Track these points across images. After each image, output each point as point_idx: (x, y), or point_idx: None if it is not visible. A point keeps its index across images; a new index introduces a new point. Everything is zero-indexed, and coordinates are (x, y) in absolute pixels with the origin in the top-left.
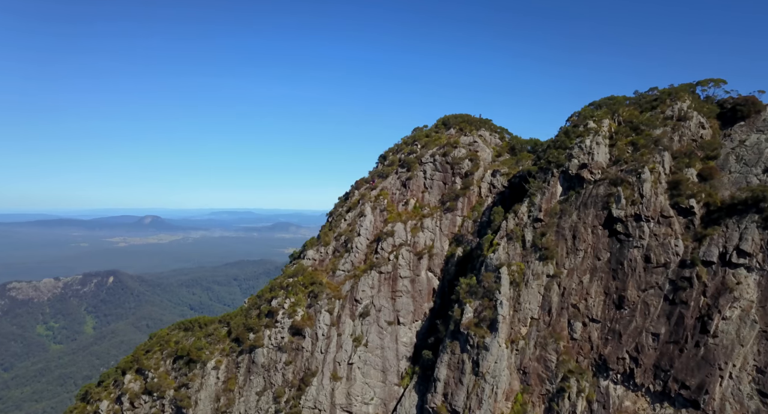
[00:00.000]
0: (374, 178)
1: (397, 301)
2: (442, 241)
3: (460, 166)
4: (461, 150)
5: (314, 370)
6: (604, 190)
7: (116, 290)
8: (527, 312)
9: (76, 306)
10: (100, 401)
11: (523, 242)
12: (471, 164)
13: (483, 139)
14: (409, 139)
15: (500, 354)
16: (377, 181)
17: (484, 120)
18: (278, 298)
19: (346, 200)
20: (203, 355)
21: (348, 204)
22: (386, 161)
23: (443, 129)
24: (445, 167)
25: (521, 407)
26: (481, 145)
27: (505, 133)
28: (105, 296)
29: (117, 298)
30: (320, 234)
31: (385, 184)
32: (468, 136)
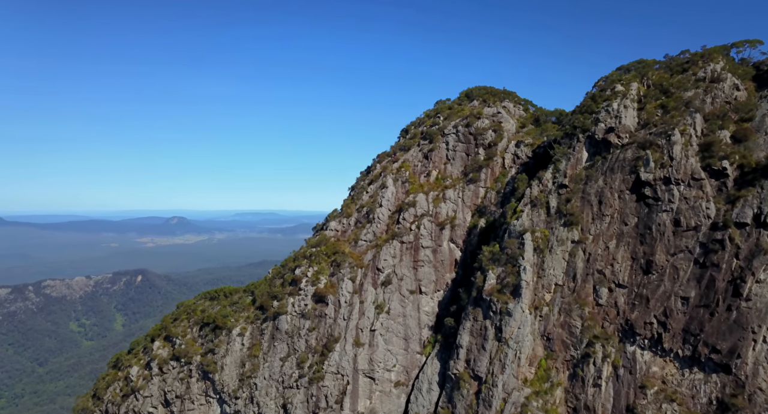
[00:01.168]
0: (396, 151)
1: (419, 270)
2: (465, 213)
3: (483, 137)
4: (484, 121)
5: (337, 337)
6: (632, 154)
7: (144, 289)
8: (551, 278)
9: (106, 304)
10: (131, 367)
11: (547, 209)
12: (494, 135)
13: (507, 110)
14: (431, 112)
15: (523, 320)
16: (399, 154)
17: (507, 92)
18: (301, 267)
19: (367, 174)
20: (228, 322)
21: (370, 177)
22: (408, 135)
23: (466, 101)
24: (468, 138)
25: (545, 373)
26: (505, 116)
27: (530, 105)
28: (134, 294)
29: (145, 297)
30: (342, 206)
31: (407, 156)
32: (491, 107)
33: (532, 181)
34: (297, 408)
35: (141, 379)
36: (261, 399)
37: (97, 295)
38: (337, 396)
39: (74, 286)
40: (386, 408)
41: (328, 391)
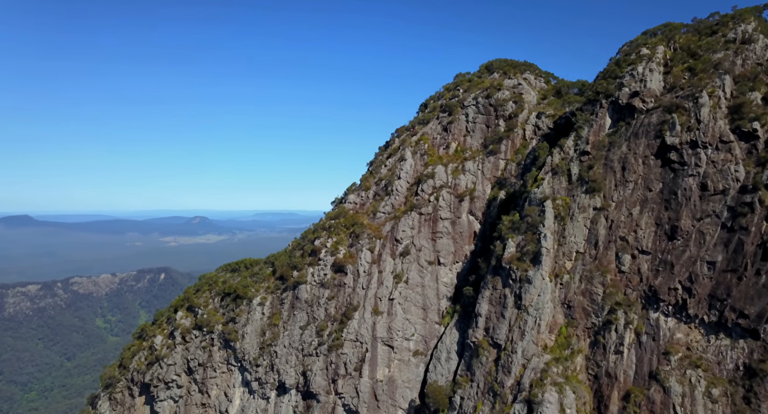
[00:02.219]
0: (414, 125)
1: (437, 242)
2: (484, 185)
3: (503, 108)
4: (505, 92)
5: (356, 305)
6: (657, 119)
7: (167, 286)
8: (572, 246)
9: (131, 301)
10: (155, 337)
11: (568, 176)
12: (515, 106)
13: (528, 82)
14: (450, 85)
15: (543, 287)
16: (417, 128)
17: (528, 64)
18: (321, 238)
19: (386, 148)
20: (249, 292)
21: (388, 151)
22: (427, 109)
23: (486, 74)
24: (488, 110)
25: (565, 340)
26: (526, 87)
27: (551, 77)
28: (157, 292)
29: (168, 294)
30: (361, 180)
31: (426, 129)
32: (512, 79)
33: (553, 150)
34: (316, 375)
35: (165, 347)
36: (281, 366)
37: (122, 292)
38: (356, 363)
39: (100, 283)
40: (405, 376)
41: (347, 358)
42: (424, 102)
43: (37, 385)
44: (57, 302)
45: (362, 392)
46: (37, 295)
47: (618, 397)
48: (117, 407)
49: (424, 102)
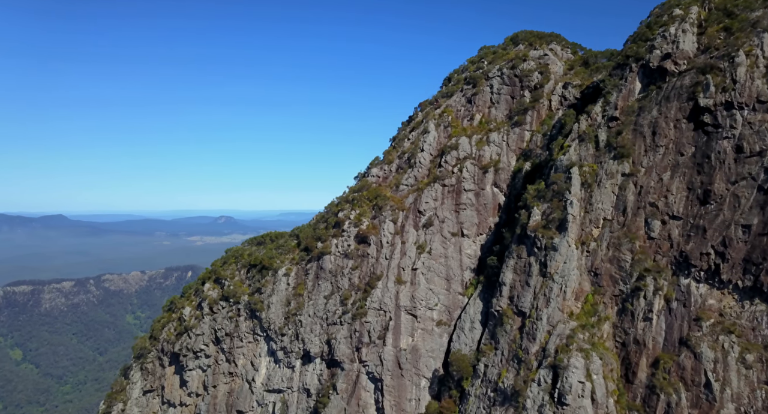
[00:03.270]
0: (437, 99)
1: (460, 213)
2: (509, 157)
3: (529, 79)
4: (530, 63)
5: (379, 275)
6: (690, 81)
7: None
8: (599, 212)
9: (159, 298)
10: (183, 308)
11: (596, 143)
12: (541, 77)
13: (554, 52)
14: (475, 58)
15: (569, 254)
16: (441, 101)
17: (555, 34)
18: (344, 210)
19: (408, 123)
20: (275, 263)
21: (411, 125)
22: (451, 82)
23: (511, 46)
24: (513, 81)
25: (592, 307)
26: (552, 58)
27: (578, 48)
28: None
29: None
30: (383, 154)
31: (450, 102)
32: (538, 50)
33: (580, 116)
34: (340, 343)
35: (193, 318)
36: (306, 335)
37: (150, 289)
38: (380, 332)
39: (130, 280)
40: (428, 346)
41: (371, 326)
42: (448, 76)
43: (71, 379)
44: (90, 299)
45: (386, 360)
46: (71, 292)
47: (646, 364)
48: (148, 377)
49: (448, 76)
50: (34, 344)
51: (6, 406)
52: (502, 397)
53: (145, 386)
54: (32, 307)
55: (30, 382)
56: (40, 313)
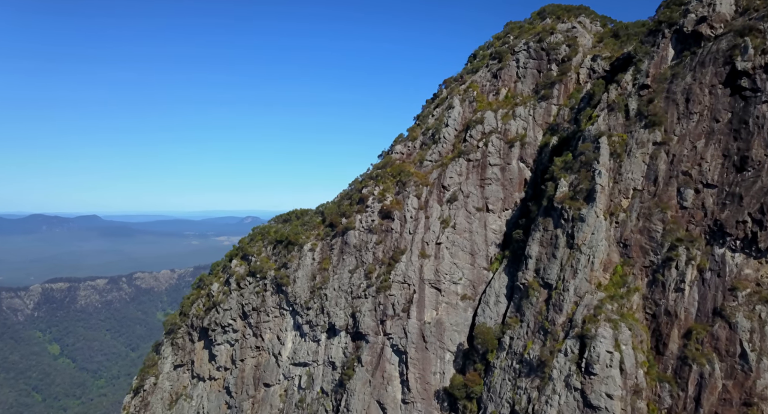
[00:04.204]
0: (463, 75)
1: (486, 188)
2: (536, 131)
3: (556, 52)
4: (558, 36)
5: (403, 249)
6: (727, 44)
7: None
8: (629, 183)
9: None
10: (212, 284)
11: (626, 112)
12: (569, 50)
13: (582, 25)
14: (501, 34)
15: (597, 225)
16: (466, 77)
17: (584, 7)
18: (368, 186)
19: (433, 101)
20: (300, 238)
21: (435, 102)
22: (476, 59)
23: (538, 20)
24: (539, 54)
25: (621, 278)
26: (580, 30)
27: (608, 20)
28: None
29: None
30: (408, 130)
31: (475, 77)
32: (566, 23)
33: (610, 86)
34: (365, 316)
35: (221, 294)
36: (331, 309)
37: (180, 287)
38: (404, 304)
39: (161, 278)
40: (453, 319)
41: (395, 299)
42: (473, 53)
43: (105, 373)
44: (122, 296)
45: (410, 333)
46: (105, 289)
47: (678, 335)
48: (178, 352)
49: (473, 53)
50: (71, 339)
51: (45, 399)
52: (528, 368)
53: (175, 361)
54: (69, 304)
55: (67, 375)
56: (75, 309)
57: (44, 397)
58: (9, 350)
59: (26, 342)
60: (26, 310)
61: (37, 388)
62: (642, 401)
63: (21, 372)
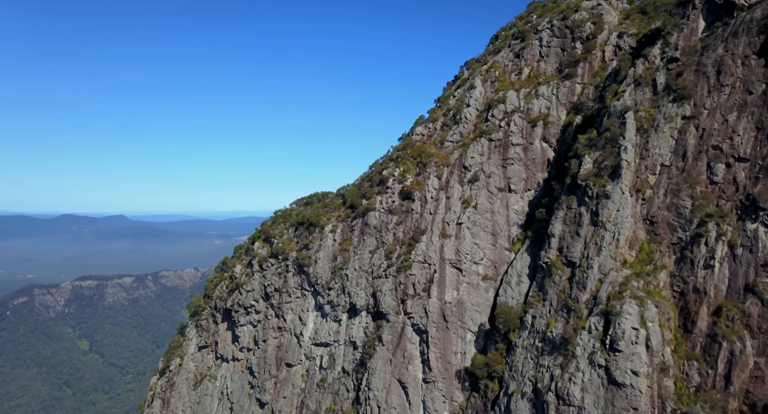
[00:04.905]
0: (485, 56)
1: (508, 168)
2: (559, 110)
3: (581, 30)
4: (582, 13)
5: (423, 229)
6: (762, 13)
7: None
8: (656, 158)
9: None
10: (235, 267)
11: (653, 86)
12: (594, 27)
13: (608, 2)
14: (523, 14)
15: (623, 201)
16: (488, 58)
17: None
18: (388, 168)
19: (454, 83)
20: (321, 220)
21: (456, 83)
22: (498, 40)
23: None
24: (563, 32)
25: (647, 256)
26: (606, 7)
27: None
28: None
29: None
30: (428, 112)
31: (497, 58)
32: (590, 0)
33: (636, 61)
34: (386, 295)
35: (244, 275)
36: (352, 289)
37: (203, 286)
38: (424, 284)
39: (185, 276)
40: (474, 300)
41: (416, 279)
42: (495, 34)
43: (132, 369)
44: (148, 294)
45: (431, 312)
46: (132, 287)
47: (707, 313)
48: (203, 333)
49: (495, 34)
50: (99, 336)
51: (75, 393)
52: (551, 346)
53: (200, 342)
54: (97, 301)
55: (96, 370)
56: (104, 306)
57: (74, 391)
58: (41, 345)
59: (57, 338)
60: (57, 306)
61: (67, 382)
62: (669, 379)
63: (53, 367)
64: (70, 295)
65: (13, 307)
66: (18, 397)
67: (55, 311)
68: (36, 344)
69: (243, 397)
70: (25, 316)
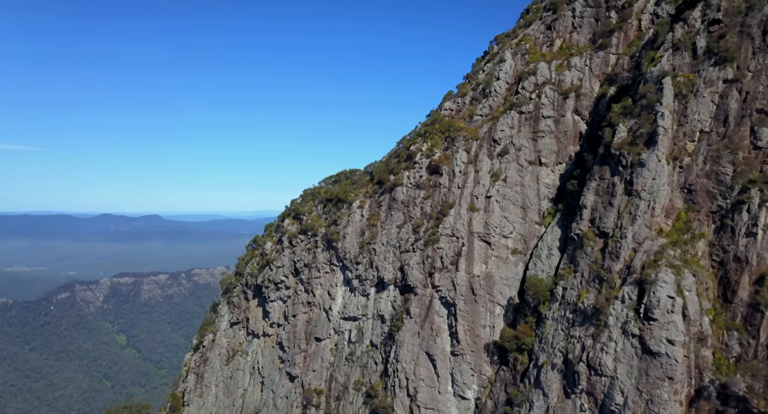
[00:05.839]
0: (515, 29)
1: (538, 141)
2: (592, 82)
3: None
4: None
5: (451, 203)
6: None
7: None
8: (695, 124)
9: None
10: (265, 244)
11: (693, 50)
12: None
13: None
14: None
15: (659, 169)
16: (518, 31)
17: None
18: (416, 143)
19: (483, 58)
20: (349, 196)
21: (486, 58)
22: (528, 13)
23: None
24: (597, 2)
25: (684, 224)
26: None
27: None
28: None
29: None
30: (457, 87)
31: (527, 31)
32: None
33: (675, 25)
34: (413, 268)
35: (274, 252)
36: (380, 263)
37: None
38: (452, 257)
39: (217, 274)
40: (503, 273)
41: (443, 252)
42: (526, 8)
43: (167, 364)
44: (181, 291)
45: (459, 285)
46: (166, 284)
47: (749, 282)
48: (234, 310)
49: (526, 8)
50: (136, 331)
51: (114, 386)
52: (582, 317)
53: (231, 319)
54: (134, 297)
55: (133, 365)
56: (140, 302)
57: (113, 384)
58: (82, 339)
59: (97, 332)
60: (97, 302)
61: (107, 375)
62: (707, 349)
63: (93, 360)
64: (109, 291)
65: (57, 302)
66: (62, 388)
67: (94, 307)
68: (77, 338)
69: (273, 371)
70: (67, 310)
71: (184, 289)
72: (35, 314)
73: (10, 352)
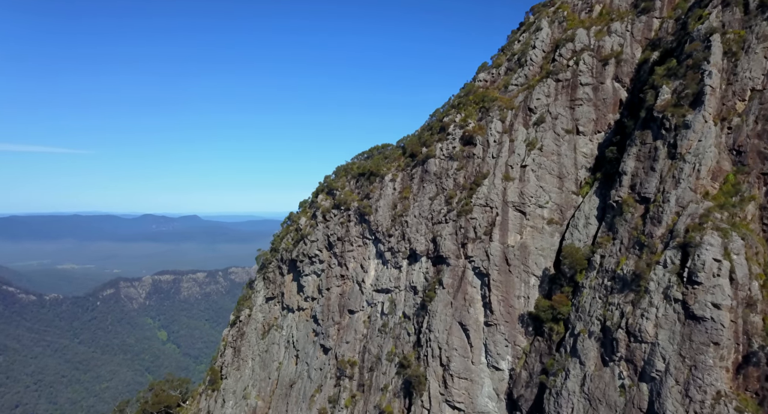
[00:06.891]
0: None
1: (576, 109)
2: (633, 48)
3: None
4: None
5: (485, 173)
6: None
7: None
8: (746, 82)
9: None
10: (300, 219)
11: (744, 5)
12: None
13: None
14: None
15: (706, 131)
16: (556, 0)
17: None
18: (449, 115)
19: (518, 29)
20: (381, 170)
21: (521, 29)
22: None
23: None
24: None
25: (732, 187)
26: None
27: None
28: None
29: None
30: (491, 58)
31: None
32: None
33: None
34: (446, 240)
35: (308, 227)
36: (412, 235)
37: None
38: (486, 227)
39: (252, 273)
40: (538, 244)
41: (477, 222)
42: None
43: (205, 359)
44: (219, 289)
45: (492, 255)
46: (204, 282)
47: None
48: (270, 285)
49: None
50: (176, 327)
51: (155, 379)
52: (621, 284)
53: (267, 294)
54: (174, 295)
55: (173, 359)
56: (179, 299)
57: (155, 377)
58: (126, 334)
59: (140, 327)
60: (139, 298)
61: (149, 369)
62: (756, 315)
63: (136, 354)
64: (151, 288)
65: (102, 298)
66: (107, 380)
67: (137, 302)
68: (122, 333)
69: (308, 345)
70: (112, 306)
71: (221, 286)
72: (83, 309)
73: (61, 344)
